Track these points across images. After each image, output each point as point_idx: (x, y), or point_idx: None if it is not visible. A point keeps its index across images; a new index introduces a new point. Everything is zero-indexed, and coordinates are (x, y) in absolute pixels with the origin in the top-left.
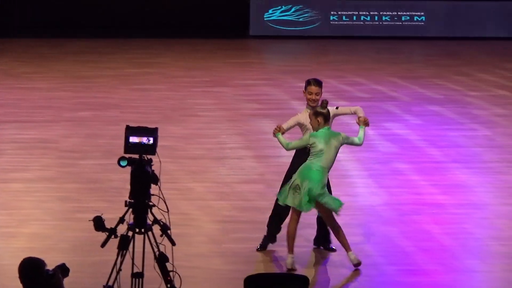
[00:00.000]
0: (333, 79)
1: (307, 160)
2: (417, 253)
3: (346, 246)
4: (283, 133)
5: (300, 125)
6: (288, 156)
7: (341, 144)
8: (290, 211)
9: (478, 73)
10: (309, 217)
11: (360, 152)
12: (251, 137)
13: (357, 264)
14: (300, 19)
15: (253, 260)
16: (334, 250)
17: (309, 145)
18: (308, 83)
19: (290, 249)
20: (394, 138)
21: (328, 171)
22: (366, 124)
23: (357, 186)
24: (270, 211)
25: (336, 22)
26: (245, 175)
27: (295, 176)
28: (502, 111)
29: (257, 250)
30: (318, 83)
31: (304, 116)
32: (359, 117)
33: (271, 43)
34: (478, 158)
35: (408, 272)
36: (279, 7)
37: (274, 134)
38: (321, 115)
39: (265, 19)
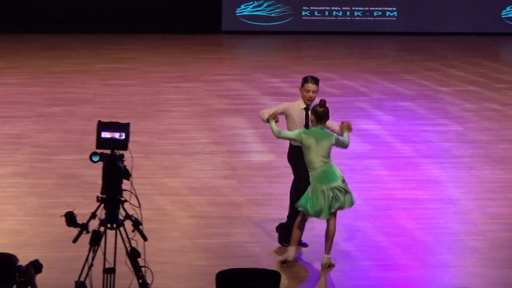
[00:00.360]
0: (305, 74)
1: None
2: (390, 248)
3: (294, 242)
4: (276, 121)
5: (287, 115)
6: (261, 152)
7: (332, 145)
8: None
9: (449, 68)
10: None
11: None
12: (223, 132)
13: (283, 262)
14: (272, 15)
15: (225, 255)
16: (306, 246)
17: (298, 141)
18: (306, 80)
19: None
20: (365, 133)
21: (314, 170)
22: (349, 129)
23: None
24: (243, 206)
25: (308, 17)
26: (217, 170)
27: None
28: (472, 106)
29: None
30: (316, 81)
31: (294, 107)
32: (342, 122)
33: (243, 38)
34: (449, 153)
35: (382, 266)
36: (251, 2)
37: (268, 120)
38: (313, 113)
39: (237, 14)
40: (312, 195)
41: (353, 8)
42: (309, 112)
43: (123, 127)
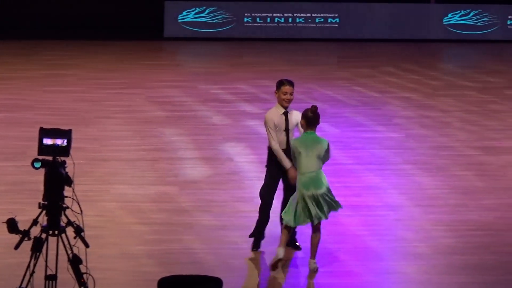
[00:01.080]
0: (248, 81)
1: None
2: (333, 255)
3: (283, 243)
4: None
5: (275, 126)
6: (203, 159)
7: (324, 151)
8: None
9: (390, 75)
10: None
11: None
12: (165, 139)
13: (274, 265)
14: (214, 21)
15: (167, 261)
16: (299, 248)
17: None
18: (282, 83)
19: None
20: None
21: (302, 175)
22: None
23: None
24: (185, 213)
25: (250, 24)
26: (159, 177)
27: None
28: (412, 113)
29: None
30: (291, 83)
31: (273, 114)
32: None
33: (185, 44)
34: (391, 160)
35: (326, 273)
36: (193, 8)
37: None
38: (304, 118)
39: (179, 20)
40: (297, 207)
41: (295, 14)
42: (289, 116)
43: (65, 134)
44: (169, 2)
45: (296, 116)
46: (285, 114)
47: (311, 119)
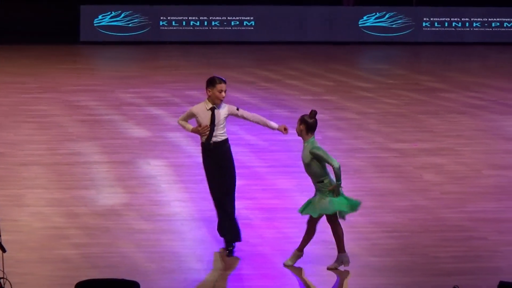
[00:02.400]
0: (164, 84)
1: None
2: (249, 258)
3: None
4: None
5: (193, 116)
6: (120, 162)
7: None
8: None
9: (307, 77)
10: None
11: (189, 157)
12: (82, 143)
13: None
14: (130, 25)
15: (85, 266)
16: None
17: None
18: (215, 81)
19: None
20: None
21: (313, 180)
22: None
23: (188, 192)
24: (102, 217)
25: (166, 28)
26: (76, 181)
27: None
28: (330, 115)
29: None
30: (224, 80)
31: (199, 109)
32: (284, 129)
33: (101, 49)
34: None
35: (239, 276)
36: (109, 12)
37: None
38: (304, 123)
39: (95, 25)
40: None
41: (210, 17)
42: (217, 111)
43: None
44: (84, 7)
45: (226, 110)
46: (212, 109)
47: (312, 124)
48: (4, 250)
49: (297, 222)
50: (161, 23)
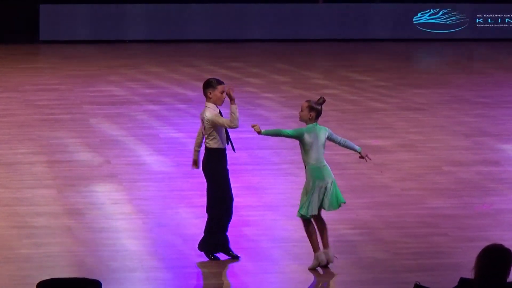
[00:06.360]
0: (124, 83)
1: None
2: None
3: (325, 243)
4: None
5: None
6: (81, 161)
7: (327, 139)
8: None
9: (267, 75)
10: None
11: (150, 156)
12: (42, 142)
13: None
14: (92, 23)
15: (47, 265)
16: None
17: (298, 138)
18: (217, 83)
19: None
20: (176, 142)
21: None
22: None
23: (149, 190)
24: (63, 216)
25: (130, 26)
26: (37, 180)
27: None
28: (291, 112)
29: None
30: (222, 82)
31: (213, 113)
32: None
33: (61, 47)
34: (269, 160)
35: (200, 275)
36: (70, 11)
37: (260, 132)
38: (314, 111)
39: (55, 23)
40: (312, 197)
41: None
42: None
43: None
44: (44, 6)
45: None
46: (220, 113)
47: (320, 111)
48: None
49: (259, 220)
50: (125, 22)
